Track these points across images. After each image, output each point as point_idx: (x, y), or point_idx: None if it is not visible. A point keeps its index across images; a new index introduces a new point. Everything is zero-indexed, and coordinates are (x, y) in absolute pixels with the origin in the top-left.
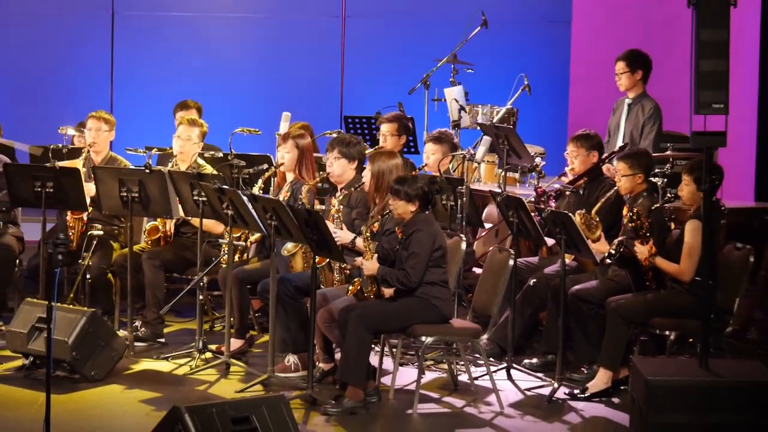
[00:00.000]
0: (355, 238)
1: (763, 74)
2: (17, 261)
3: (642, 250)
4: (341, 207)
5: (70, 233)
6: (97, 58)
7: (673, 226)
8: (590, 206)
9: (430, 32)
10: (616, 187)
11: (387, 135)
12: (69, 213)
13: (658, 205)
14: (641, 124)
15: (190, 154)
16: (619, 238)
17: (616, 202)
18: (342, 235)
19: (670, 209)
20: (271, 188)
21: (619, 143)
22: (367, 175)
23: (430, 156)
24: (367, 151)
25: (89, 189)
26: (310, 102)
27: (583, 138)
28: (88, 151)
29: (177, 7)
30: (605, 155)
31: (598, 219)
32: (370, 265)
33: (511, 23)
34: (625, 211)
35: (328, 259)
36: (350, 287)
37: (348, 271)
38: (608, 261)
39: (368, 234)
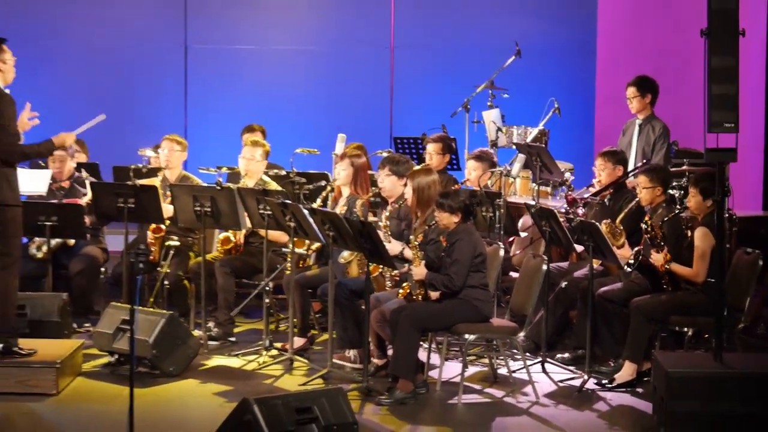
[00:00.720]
0: (404, 248)
1: None
2: (102, 269)
3: (657, 258)
4: (391, 220)
5: (150, 244)
6: (172, 87)
7: (689, 233)
8: (614, 215)
9: (470, 61)
10: (637, 198)
11: (432, 154)
12: (150, 230)
13: (672, 214)
14: (653, 141)
15: (255, 172)
16: (637, 248)
17: (637, 212)
18: (392, 247)
19: (686, 218)
20: (328, 202)
21: (632, 159)
22: (408, 191)
23: (471, 172)
24: None
25: (167, 209)
26: (363, 124)
27: (611, 154)
28: (164, 171)
29: (243, 41)
30: (629, 170)
31: (621, 227)
32: (418, 270)
33: (542, 53)
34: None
35: (381, 268)
36: (401, 290)
37: (398, 277)
38: (628, 270)
39: (416, 243)
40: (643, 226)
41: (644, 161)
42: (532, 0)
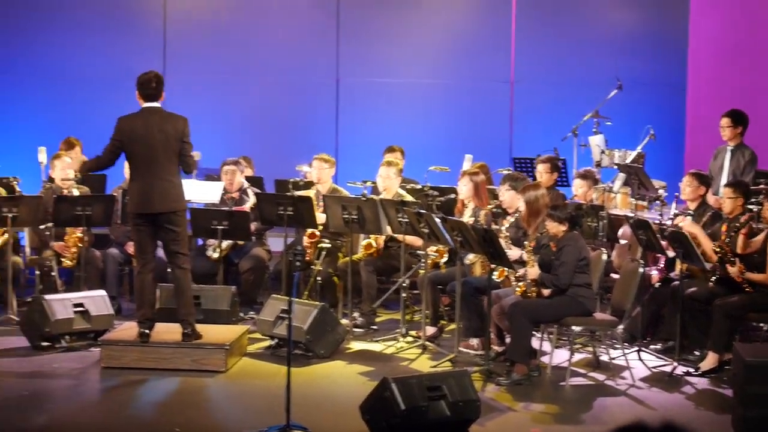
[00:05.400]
0: (522, 254)
1: None
2: (267, 267)
3: (733, 271)
4: (511, 229)
5: (306, 246)
6: (325, 113)
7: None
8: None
9: (578, 93)
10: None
11: (542, 172)
12: (306, 235)
13: (750, 214)
14: (742, 166)
15: (390, 187)
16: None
17: (719, 220)
18: (512, 253)
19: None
20: (455, 212)
21: (723, 182)
22: (521, 204)
23: (578, 189)
24: None
25: (320, 216)
26: (487, 146)
27: (697, 175)
28: (317, 185)
29: (386, 75)
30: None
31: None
32: (532, 271)
33: (641, 85)
34: (723, 228)
35: (506, 270)
36: (517, 288)
37: (520, 277)
38: (711, 284)
39: (530, 248)
40: (717, 249)
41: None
42: (632, 40)
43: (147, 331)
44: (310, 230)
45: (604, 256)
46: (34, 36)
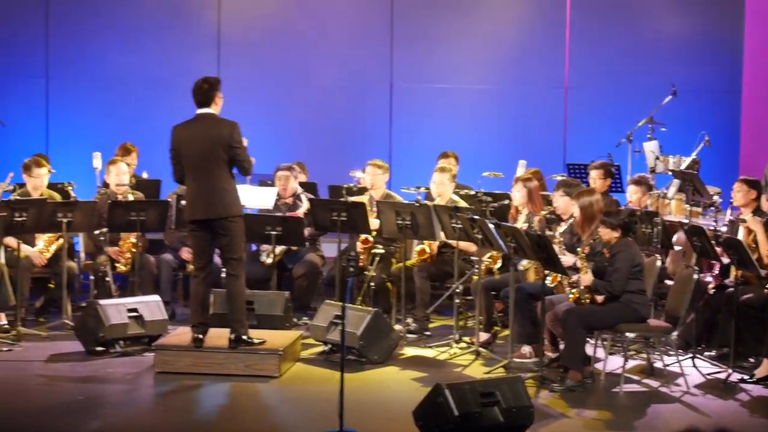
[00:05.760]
0: (576, 260)
1: None
2: (320, 273)
3: None
4: (565, 235)
5: (359, 252)
6: (379, 119)
7: None
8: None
9: (632, 99)
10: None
11: (596, 178)
12: (359, 241)
13: None
14: None
15: (444, 193)
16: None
17: None
18: (566, 259)
19: None
20: (509, 218)
21: None
22: (576, 210)
23: (633, 195)
24: None
25: (374, 223)
26: (541, 152)
27: (748, 181)
28: (370, 190)
29: (440, 80)
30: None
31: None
32: (586, 278)
33: (695, 92)
34: None
35: (560, 276)
36: (571, 295)
37: (574, 284)
38: (766, 290)
39: (583, 254)
40: None
41: None
42: (687, 45)
43: (200, 336)
44: (363, 236)
45: (658, 263)
46: (90, 40)
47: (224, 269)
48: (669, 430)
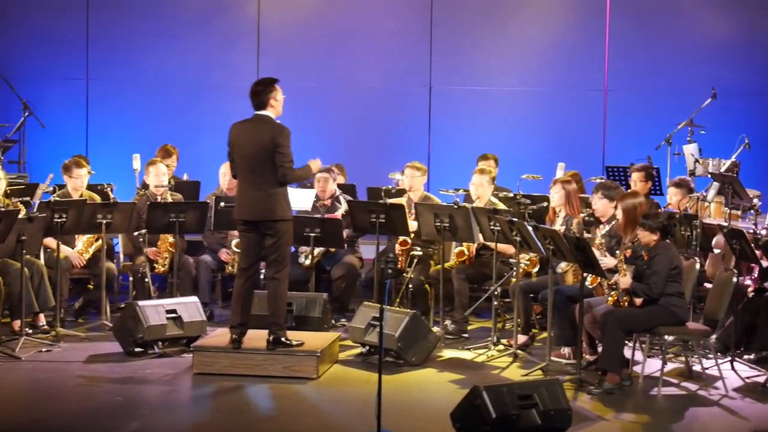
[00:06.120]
0: (616, 263)
1: None
2: (359, 275)
3: None
4: (604, 237)
5: (398, 254)
6: (418, 121)
7: None
8: None
9: (672, 102)
10: None
11: (636, 181)
12: (398, 243)
13: None
14: None
15: (483, 195)
16: None
17: None
18: (606, 261)
19: None
20: (547, 220)
21: None
22: (619, 213)
23: (672, 197)
24: None
25: (412, 225)
26: (580, 154)
27: None
28: (408, 192)
29: (479, 82)
30: None
31: None
32: (625, 280)
33: (735, 94)
34: None
35: (599, 278)
36: (610, 297)
37: (613, 286)
38: None
39: (623, 257)
40: None
41: None
42: (726, 47)
43: (239, 337)
44: (402, 238)
45: (697, 266)
46: (129, 42)
47: (265, 272)
48: None
